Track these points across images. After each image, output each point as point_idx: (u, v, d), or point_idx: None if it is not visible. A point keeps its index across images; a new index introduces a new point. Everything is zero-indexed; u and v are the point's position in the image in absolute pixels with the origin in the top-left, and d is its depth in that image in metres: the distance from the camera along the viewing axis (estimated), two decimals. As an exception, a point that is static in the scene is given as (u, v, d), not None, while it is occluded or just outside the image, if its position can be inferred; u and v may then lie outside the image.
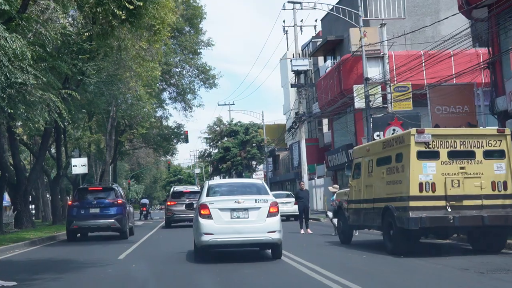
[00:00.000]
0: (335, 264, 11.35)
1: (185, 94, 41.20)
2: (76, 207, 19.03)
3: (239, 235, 11.32)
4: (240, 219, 11.30)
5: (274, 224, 11.47)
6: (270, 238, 11.39)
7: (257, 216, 11.31)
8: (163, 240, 19.15)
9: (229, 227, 11.31)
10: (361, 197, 13.90)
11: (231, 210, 11.34)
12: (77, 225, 18.87)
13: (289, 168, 59.09)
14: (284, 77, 70.94)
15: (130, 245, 16.43)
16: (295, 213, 31.24)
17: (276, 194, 32.95)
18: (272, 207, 11.51)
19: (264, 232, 11.30)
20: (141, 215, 43.26)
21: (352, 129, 36.52)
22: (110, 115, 36.43)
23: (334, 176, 41.93)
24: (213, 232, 11.25)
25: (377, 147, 13.58)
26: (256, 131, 62.30)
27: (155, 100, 32.22)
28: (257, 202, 11.43)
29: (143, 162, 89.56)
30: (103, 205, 19.04)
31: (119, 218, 18.93)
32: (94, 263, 12.36)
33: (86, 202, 19.24)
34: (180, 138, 46.37)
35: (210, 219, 11.27)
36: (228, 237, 11.36)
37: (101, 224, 18.84)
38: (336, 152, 38.96)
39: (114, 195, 19.63)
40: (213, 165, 66.43)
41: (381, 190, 12.78)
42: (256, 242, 11.71)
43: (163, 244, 17.55)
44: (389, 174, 12.39)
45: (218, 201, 11.57)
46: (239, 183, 13.92)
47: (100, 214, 18.87)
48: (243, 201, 11.37)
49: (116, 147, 45.47)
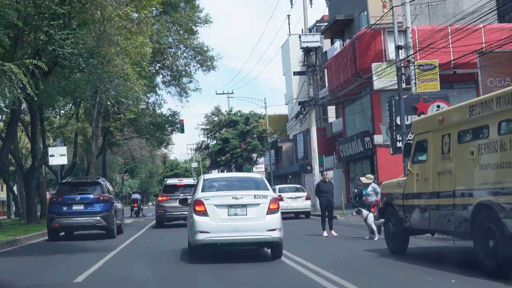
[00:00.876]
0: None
1: (180, 78, 37.06)
2: (57, 203, 17.71)
3: (237, 233, 10.66)
4: (238, 216, 10.67)
5: (275, 221, 10.83)
6: (270, 237, 10.74)
7: (256, 213, 10.69)
8: (147, 247, 15.02)
9: (226, 225, 10.64)
10: (429, 189, 9.64)
11: (228, 206, 10.69)
12: (58, 224, 17.42)
13: (293, 161, 55.08)
14: (286, 65, 66.97)
15: (101, 256, 12.50)
16: (306, 209, 27.30)
17: (283, 188, 28.87)
18: (272, 203, 10.85)
19: (263, 230, 10.66)
20: (132, 212, 39.14)
21: (369, 114, 32.47)
22: (96, 101, 32.39)
23: (346, 167, 37.90)
24: (209, 230, 10.58)
25: (459, 114, 9.07)
26: (257, 121, 58.14)
27: (145, 81, 28.11)
28: (256, 198, 10.79)
29: (138, 155, 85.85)
30: (87, 201, 17.71)
31: (105, 216, 17.54)
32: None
33: (69, 198, 17.84)
34: (175, 127, 42.13)
35: (206, 216, 10.62)
36: (225, 236, 10.69)
37: (85, 222, 17.52)
38: (349, 141, 34.88)
39: (100, 190, 18.22)
40: (211, 158, 62.11)
41: (470, 178, 8.49)
42: (255, 241, 11.05)
43: (147, 252, 13.62)
44: (485, 154, 8.12)
45: (214, 196, 10.92)
46: (236, 178, 13.27)
47: (84, 211, 17.53)
48: (241, 197, 10.73)
49: (104, 137, 41.36)
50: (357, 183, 35.51)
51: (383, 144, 31.33)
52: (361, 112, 33.03)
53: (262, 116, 59.38)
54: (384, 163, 31.47)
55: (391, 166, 31.25)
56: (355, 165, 36.31)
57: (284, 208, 26.47)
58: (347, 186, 37.50)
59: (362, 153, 32.98)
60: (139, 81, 27.46)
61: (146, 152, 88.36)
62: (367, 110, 32.56)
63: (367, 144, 31.68)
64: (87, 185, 19.09)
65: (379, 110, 31.70)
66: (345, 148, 35.86)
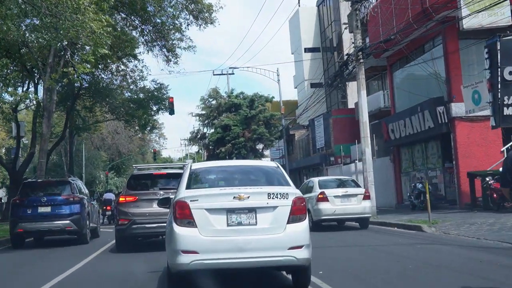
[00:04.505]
0: None
1: (167, 34, 27.01)
2: (21, 205, 15.99)
3: (242, 253, 6.82)
4: (243, 227, 6.91)
5: (300, 234, 7.00)
6: (294, 258, 6.91)
7: (272, 222, 6.96)
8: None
9: (224, 241, 6.89)
10: None
11: (228, 211, 6.95)
12: (22, 229, 15.70)
13: (309, 151, 45.03)
14: (295, 41, 56.96)
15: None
16: (364, 214, 17.32)
17: (325, 182, 18.72)
18: (296, 206, 7.03)
19: (283, 249, 6.87)
20: (104, 217, 28.85)
21: (441, 73, 22.37)
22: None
23: (396, 155, 27.73)
24: (198, 249, 6.84)
25: None
26: (263, 105, 47.86)
27: (108, 19, 18.05)
28: (271, 198, 6.98)
29: (125, 150, 76.60)
30: (55, 203, 15.99)
31: (75, 219, 15.90)
32: None
33: (34, 199, 16.10)
34: (162, 104, 31.99)
35: (192, 226, 6.93)
36: (222, 258, 6.84)
37: (53, 226, 15.79)
38: (407, 115, 24.63)
39: (70, 190, 16.41)
40: (208, 150, 51.69)
41: None
42: (271, 264, 7.05)
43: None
44: None
45: (206, 196, 7.17)
46: (239, 167, 8.63)
47: (52, 214, 15.78)
48: (247, 196, 6.96)
49: (67, 118, 31.15)
50: (420, 177, 25.59)
51: (465, 117, 21.33)
52: (426, 72, 22.87)
53: (270, 99, 49.21)
54: (467, 144, 21.45)
55: (476, 149, 21.24)
56: (413, 151, 26.21)
57: (331, 213, 16.62)
58: (398, 180, 27.43)
59: (428, 132, 22.94)
60: (98, 16, 18.02)
61: (134, 147, 78.92)
62: (439, 67, 22.47)
63: (441, 117, 21.61)
64: (54, 185, 17.55)
65: (457, 66, 21.68)
66: (397, 128, 25.76)
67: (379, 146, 30.48)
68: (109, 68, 29.13)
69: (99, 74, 29.68)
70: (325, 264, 9.43)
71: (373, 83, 34.30)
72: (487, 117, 20.13)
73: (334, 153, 38.26)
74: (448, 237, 13.34)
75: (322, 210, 16.85)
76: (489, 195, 18.72)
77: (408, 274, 8.46)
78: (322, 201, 16.90)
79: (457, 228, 14.57)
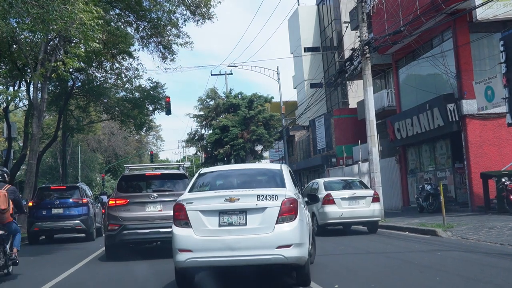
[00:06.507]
0: None
1: (163, 30, 25.87)
2: (37, 207, 18.14)
3: (232, 252, 7.24)
4: (234, 227, 7.30)
5: (289, 233, 7.22)
6: (282, 257, 7.17)
7: (261, 222, 7.26)
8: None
9: (216, 240, 7.31)
10: None
11: (220, 212, 7.36)
12: (38, 227, 18.04)
13: (310, 152, 43.92)
14: (294, 40, 55.84)
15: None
16: (373, 218, 16.19)
17: (331, 184, 17.59)
18: (285, 206, 7.28)
19: (271, 248, 7.16)
20: (99, 220, 27.74)
21: (451, 68, 21.27)
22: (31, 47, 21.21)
23: (402, 155, 26.65)
24: (192, 247, 7.34)
25: None
26: (262, 105, 46.68)
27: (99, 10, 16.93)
28: (260, 200, 7.29)
29: (121, 152, 75.64)
30: (66, 205, 18.28)
31: (84, 219, 18.15)
32: None
33: (48, 202, 18.34)
34: (158, 103, 30.84)
35: (187, 227, 7.43)
36: (214, 256, 7.29)
37: (65, 225, 18.09)
38: (414, 114, 23.52)
39: (79, 194, 18.67)
40: (206, 151, 50.46)
41: None
42: (260, 262, 7.35)
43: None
44: None
45: (200, 199, 7.59)
46: (242, 170, 9.11)
47: (64, 215, 18.11)
48: (237, 198, 7.34)
49: (59, 118, 30.00)
50: (428, 178, 24.47)
51: (476, 114, 20.25)
52: (434, 68, 21.77)
53: (269, 99, 48.10)
54: (479, 143, 20.36)
55: (488, 148, 20.14)
56: (420, 150, 25.11)
57: (338, 216, 15.48)
58: (404, 182, 26.33)
59: (437, 130, 21.84)
60: (89, 7, 17.05)
61: (131, 150, 77.76)
62: (449, 61, 21.38)
63: (451, 114, 20.51)
64: (65, 190, 19.43)
65: (468, 61, 20.61)
66: (403, 126, 24.67)
67: (383, 146, 29.30)
68: (103, 66, 27.95)
69: (92, 72, 28.56)
70: (340, 275, 8.34)
71: (376, 82, 33.16)
72: (501, 114, 19.06)
73: (336, 154, 37.19)
74: (467, 243, 12.23)
75: (328, 213, 15.73)
76: (504, 196, 17.61)
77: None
78: (328, 204, 15.77)
79: (476, 233, 13.47)
